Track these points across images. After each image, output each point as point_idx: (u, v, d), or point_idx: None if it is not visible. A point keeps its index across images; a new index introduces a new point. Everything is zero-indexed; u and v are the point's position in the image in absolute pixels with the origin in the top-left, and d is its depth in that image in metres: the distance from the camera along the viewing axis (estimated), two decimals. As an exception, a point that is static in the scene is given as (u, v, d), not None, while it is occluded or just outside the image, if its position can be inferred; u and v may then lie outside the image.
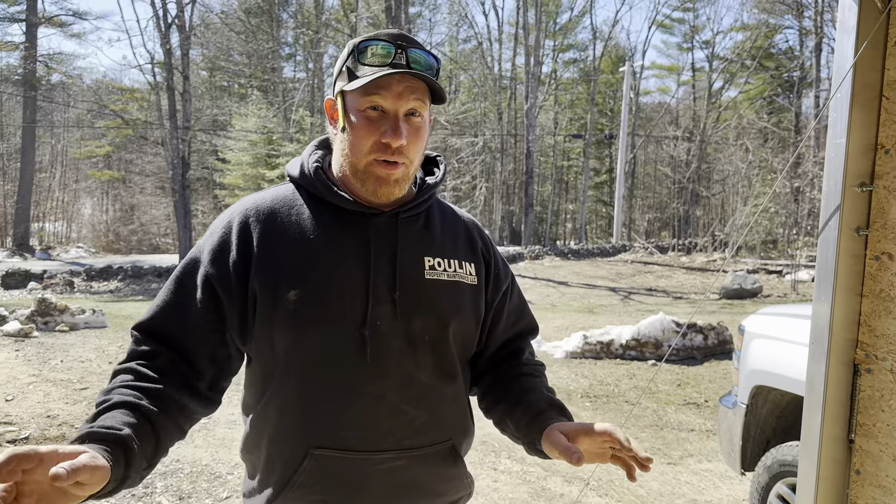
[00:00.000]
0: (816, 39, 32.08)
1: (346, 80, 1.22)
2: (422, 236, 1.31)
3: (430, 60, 1.23)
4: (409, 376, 1.24)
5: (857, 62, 1.29)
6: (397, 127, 1.18)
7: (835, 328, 1.34)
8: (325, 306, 1.19)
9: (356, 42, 1.22)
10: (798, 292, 16.14)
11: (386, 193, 1.23)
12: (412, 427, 1.25)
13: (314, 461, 1.21)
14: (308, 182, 1.28)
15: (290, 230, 1.24)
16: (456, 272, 1.31)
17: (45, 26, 33.09)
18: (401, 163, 1.21)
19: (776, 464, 3.22)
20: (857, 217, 1.34)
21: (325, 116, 1.32)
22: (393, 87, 1.18)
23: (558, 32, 38.54)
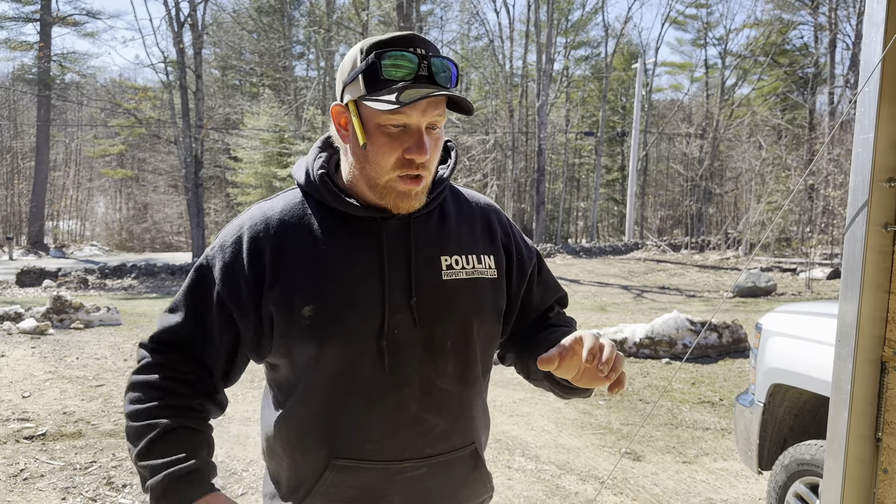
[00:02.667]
0: (831, 35, 31.81)
1: (361, 88, 1.15)
2: (436, 234, 1.27)
3: (451, 68, 1.17)
4: (430, 384, 1.22)
5: (886, 56, 1.27)
6: (422, 143, 1.14)
7: (862, 325, 1.32)
8: (341, 319, 1.17)
9: (372, 47, 1.15)
10: (813, 290, 16.02)
11: (407, 207, 1.19)
12: (432, 435, 1.24)
13: (336, 471, 1.21)
14: (315, 190, 1.24)
15: (301, 243, 1.21)
16: (475, 268, 1.27)
17: (58, 26, 33.37)
18: (423, 175, 1.18)
19: (794, 462, 3.19)
20: (885, 213, 1.32)
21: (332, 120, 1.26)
22: (417, 104, 1.12)
23: (570, 29, 38.39)
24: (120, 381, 6.37)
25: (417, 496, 1.24)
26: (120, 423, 5.10)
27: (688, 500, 4.09)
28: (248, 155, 37.22)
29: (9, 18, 33.02)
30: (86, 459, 4.35)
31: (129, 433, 1.18)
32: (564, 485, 4.22)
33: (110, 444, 4.65)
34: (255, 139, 36.20)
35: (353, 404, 1.20)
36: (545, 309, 1.44)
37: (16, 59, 37.58)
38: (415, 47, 1.14)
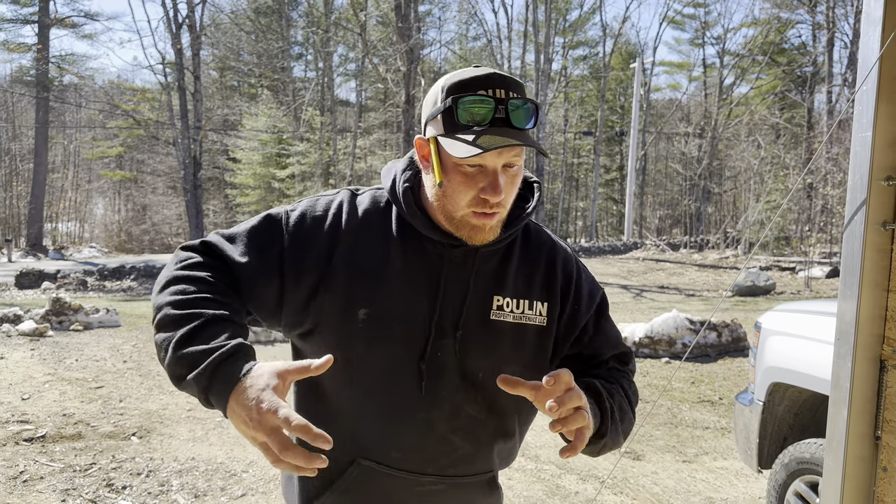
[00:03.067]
0: (829, 34, 31.83)
1: (440, 126, 1.18)
2: (496, 273, 1.28)
3: (531, 111, 1.17)
4: (460, 408, 1.25)
5: (884, 55, 1.27)
6: (496, 184, 1.15)
7: (861, 324, 1.33)
8: (391, 330, 1.20)
9: (451, 88, 1.17)
10: (812, 289, 16.03)
11: (481, 239, 1.22)
12: (455, 456, 1.26)
13: (360, 470, 1.23)
14: (397, 202, 1.27)
15: (375, 245, 1.24)
16: (524, 314, 1.29)
17: (56, 27, 33.33)
18: (497, 212, 1.20)
19: (794, 461, 3.20)
20: (883, 211, 1.33)
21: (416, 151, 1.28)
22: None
23: (568, 29, 38.40)
24: (119, 382, 6.37)
25: None
26: (120, 425, 5.09)
27: (688, 499, 4.09)
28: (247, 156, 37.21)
29: (7, 20, 33.01)
30: (85, 461, 4.34)
31: (165, 321, 1.09)
32: (564, 484, 4.22)
33: (110, 446, 4.64)
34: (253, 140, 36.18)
35: (386, 413, 1.22)
36: (599, 362, 1.38)
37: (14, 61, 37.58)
38: (494, 89, 1.15)
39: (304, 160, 35.31)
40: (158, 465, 4.35)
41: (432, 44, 38.72)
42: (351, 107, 41.90)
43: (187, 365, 1.02)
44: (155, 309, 1.12)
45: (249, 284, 1.18)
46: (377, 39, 29.29)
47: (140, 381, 6.44)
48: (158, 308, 1.11)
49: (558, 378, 1.05)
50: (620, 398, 1.28)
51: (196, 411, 5.56)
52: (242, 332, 1.11)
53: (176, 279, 1.14)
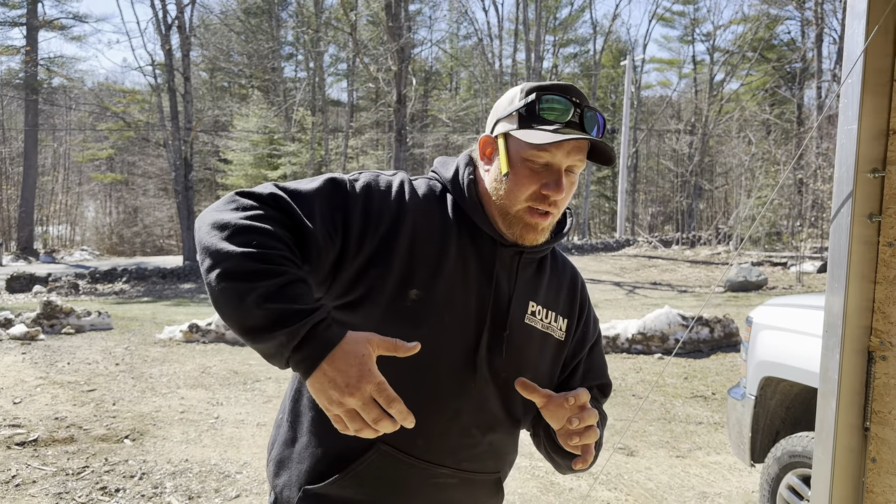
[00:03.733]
0: (818, 30, 31.97)
1: (515, 123, 1.23)
2: (533, 280, 1.34)
3: (600, 120, 1.25)
4: (485, 403, 1.28)
5: (868, 48, 1.28)
6: (560, 181, 1.21)
7: (848, 316, 1.33)
8: (440, 317, 1.22)
9: (533, 88, 1.23)
10: (803, 283, 16.11)
11: (532, 239, 1.26)
12: (473, 451, 1.29)
13: (378, 456, 1.22)
14: (458, 192, 1.29)
15: (432, 230, 1.25)
16: (550, 325, 1.35)
17: (45, 30, 33.14)
18: (552, 213, 1.24)
19: (786, 455, 3.21)
20: (870, 203, 1.33)
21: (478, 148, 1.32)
22: (564, 145, 1.19)
23: (558, 27, 38.45)
24: (112, 385, 6.34)
25: (440, 502, 1.29)
26: (112, 428, 5.07)
27: (681, 495, 4.11)
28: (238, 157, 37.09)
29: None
30: (78, 465, 4.32)
31: (240, 270, 1.03)
32: (558, 481, 4.23)
33: (103, 449, 4.62)
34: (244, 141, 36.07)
35: (420, 399, 1.21)
36: (587, 387, 1.46)
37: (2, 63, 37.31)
38: (572, 96, 1.22)
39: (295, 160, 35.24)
40: (152, 467, 4.34)
41: (423, 43, 38.69)
42: (342, 106, 41.84)
43: (275, 320, 1.00)
44: (216, 253, 1.05)
45: (314, 248, 1.15)
46: (368, 39, 29.25)
47: (133, 384, 6.42)
48: (227, 255, 1.04)
49: (578, 397, 1.17)
50: (603, 419, 1.42)
51: (189, 413, 5.54)
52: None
53: (248, 228, 1.08)
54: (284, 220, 1.12)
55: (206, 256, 1.07)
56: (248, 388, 6.41)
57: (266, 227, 1.08)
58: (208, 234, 1.08)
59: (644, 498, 4.04)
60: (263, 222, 1.09)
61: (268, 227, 1.09)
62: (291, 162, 35.05)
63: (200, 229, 1.11)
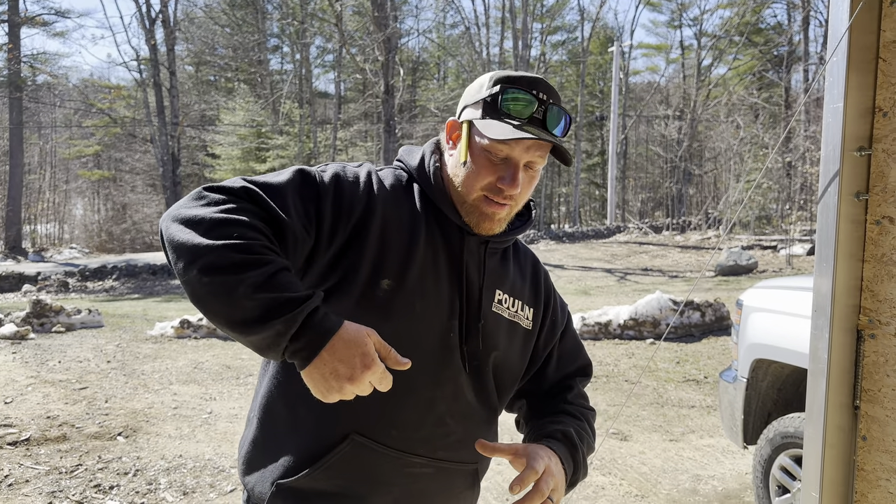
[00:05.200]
0: (804, 13, 32.02)
1: (479, 111, 1.23)
2: (498, 268, 1.35)
3: (564, 119, 1.25)
4: (461, 393, 1.29)
5: (853, 24, 1.27)
6: (516, 176, 1.21)
7: (837, 295, 1.33)
8: (412, 307, 1.22)
9: (500, 80, 1.23)
10: (793, 266, 16.19)
11: (487, 229, 1.26)
12: (447, 440, 1.29)
13: (352, 447, 1.21)
14: (425, 181, 1.30)
15: (400, 219, 1.24)
16: (517, 313, 1.36)
17: (27, 26, 32.73)
18: (509, 205, 1.24)
19: (778, 436, 3.23)
20: (857, 182, 1.33)
21: (445, 130, 1.33)
22: (523, 141, 1.20)
23: (545, 15, 38.33)
24: (104, 382, 6.31)
25: (416, 493, 1.28)
26: (105, 425, 5.05)
27: (675, 478, 4.13)
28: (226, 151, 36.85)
29: (-25, 20, 32.39)
30: (71, 463, 4.30)
31: (224, 262, 1.00)
32: (553, 468, 4.24)
33: (96, 447, 4.60)
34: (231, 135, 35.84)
35: (394, 389, 1.18)
36: (565, 377, 1.48)
37: (-15, 61, 36.88)
38: (538, 91, 1.22)
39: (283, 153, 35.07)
40: (146, 463, 4.32)
41: (410, 32, 38.51)
42: (330, 98, 41.65)
43: (268, 309, 0.98)
44: (194, 248, 1.01)
45: (290, 240, 1.13)
46: (354, 29, 29.08)
47: (125, 381, 6.39)
48: (207, 249, 1.01)
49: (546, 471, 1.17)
50: (588, 438, 1.38)
51: (182, 409, 5.53)
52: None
53: (224, 221, 1.04)
54: (260, 213, 1.10)
55: (182, 253, 1.02)
56: (241, 383, 6.40)
57: (243, 219, 1.05)
58: (180, 231, 1.04)
59: (638, 482, 4.06)
60: (239, 214, 1.06)
61: (244, 219, 1.06)
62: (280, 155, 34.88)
63: (170, 228, 1.06)
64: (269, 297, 0.99)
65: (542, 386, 1.46)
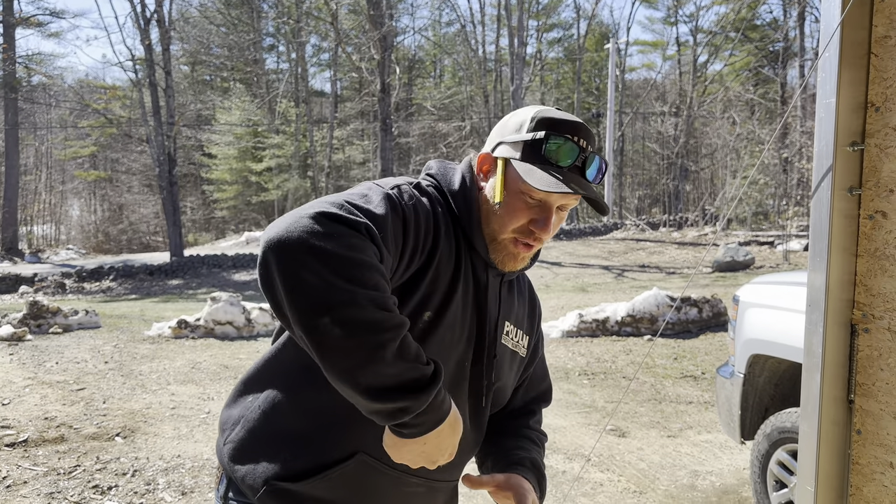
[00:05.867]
0: (799, 9, 32.05)
1: (518, 153, 1.21)
2: (508, 300, 1.37)
3: (602, 167, 1.25)
4: (463, 417, 1.30)
5: (845, 20, 1.28)
6: (549, 221, 1.21)
7: (831, 289, 1.34)
8: (442, 338, 1.21)
9: (544, 122, 1.20)
10: (790, 262, 16.23)
11: (511, 267, 1.27)
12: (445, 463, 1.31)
13: (357, 464, 1.20)
14: (464, 211, 1.25)
15: (451, 253, 1.22)
16: (518, 343, 1.39)
17: (22, 27, 32.66)
18: (535, 246, 1.25)
19: (775, 431, 3.24)
20: (850, 177, 1.33)
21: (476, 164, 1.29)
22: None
23: (541, 12, 38.33)
24: (101, 383, 6.31)
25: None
26: (103, 426, 5.05)
27: (673, 474, 4.14)
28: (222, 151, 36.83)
29: (-30, 21, 32.28)
30: (69, 464, 4.30)
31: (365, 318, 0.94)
32: (551, 464, 4.25)
33: (94, 447, 4.60)
34: (228, 135, 35.79)
35: None
36: (531, 401, 1.53)
37: (-21, 62, 36.76)
38: (580, 138, 1.21)
39: (280, 152, 35.01)
40: (144, 464, 4.32)
41: (406, 31, 38.49)
42: (326, 97, 41.61)
43: (402, 383, 0.96)
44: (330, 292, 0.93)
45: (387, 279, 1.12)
46: (349, 28, 29.05)
47: (122, 382, 6.39)
48: (347, 297, 0.93)
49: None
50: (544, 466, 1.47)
51: (180, 409, 5.53)
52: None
53: (360, 264, 0.96)
54: (378, 254, 1.02)
55: (309, 293, 0.93)
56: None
57: (374, 263, 0.99)
58: (306, 263, 0.94)
59: (636, 478, 4.07)
60: (368, 255, 0.99)
61: (374, 263, 0.99)
62: (276, 154, 34.82)
63: (286, 256, 0.95)
64: (404, 368, 0.96)
65: (508, 406, 1.49)
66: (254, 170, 36.61)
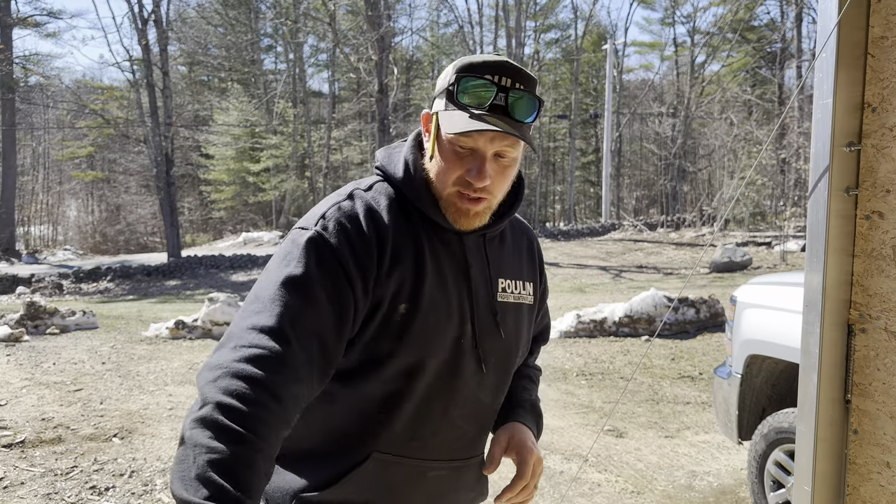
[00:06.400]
0: (797, 10, 32.11)
1: (442, 104, 1.19)
2: (498, 257, 1.32)
3: (533, 105, 1.17)
4: (473, 395, 1.28)
5: (842, 21, 1.28)
6: (483, 169, 1.15)
7: (828, 289, 1.34)
8: (426, 322, 1.20)
9: (461, 69, 1.17)
10: (787, 262, 16.25)
11: (466, 224, 1.22)
12: (462, 441, 1.30)
13: (374, 463, 1.22)
14: (414, 193, 1.23)
15: (404, 240, 1.20)
16: (520, 294, 1.35)
17: (19, 27, 32.61)
18: (483, 198, 1.19)
19: (773, 431, 3.24)
20: (847, 177, 1.34)
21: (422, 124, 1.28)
22: (485, 132, 1.13)
23: (539, 13, 38.35)
24: (99, 384, 6.30)
25: (434, 495, 1.30)
26: (100, 427, 5.04)
27: (671, 474, 4.14)
28: (220, 151, 36.80)
29: (-33, 21, 32.21)
30: (66, 465, 4.30)
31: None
32: (549, 465, 4.25)
33: (91, 449, 4.59)
34: (225, 135, 35.76)
35: (412, 403, 1.22)
36: (532, 341, 1.52)
37: (-24, 63, 36.67)
38: (501, 76, 1.15)
39: (277, 153, 34.98)
40: (141, 465, 4.32)
41: (403, 31, 38.51)
42: (324, 98, 41.59)
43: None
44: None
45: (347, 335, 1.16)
46: (347, 29, 29.04)
47: (120, 382, 6.38)
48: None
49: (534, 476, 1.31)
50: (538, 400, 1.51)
51: (178, 410, 5.52)
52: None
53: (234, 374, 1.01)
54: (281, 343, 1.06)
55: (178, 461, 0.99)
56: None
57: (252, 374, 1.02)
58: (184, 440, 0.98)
59: (634, 478, 4.07)
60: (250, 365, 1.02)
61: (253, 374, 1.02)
62: (274, 154, 34.79)
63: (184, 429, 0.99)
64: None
65: None
66: (251, 170, 36.59)
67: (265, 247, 27.63)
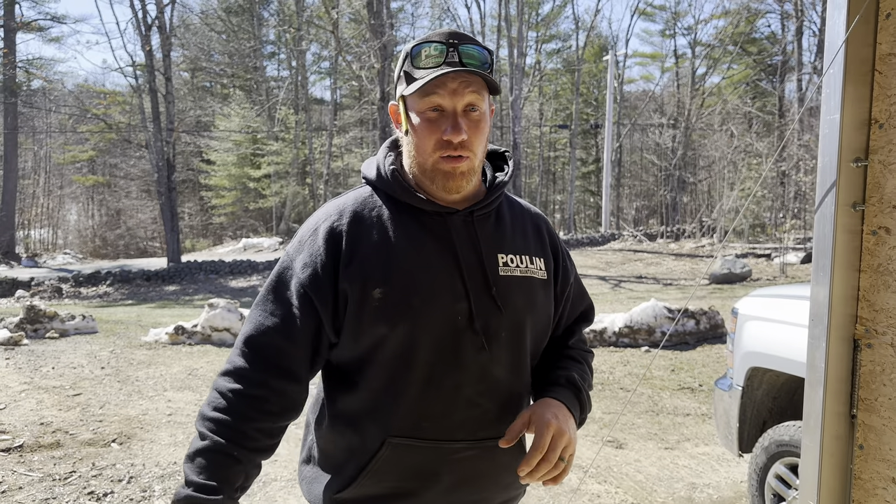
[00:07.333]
0: (798, 23, 32.23)
1: (404, 84, 1.27)
2: (494, 233, 1.34)
3: (483, 54, 1.25)
4: (485, 371, 1.28)
5: (849, 37, 1.29)
6: (457, 123, 1.22)
7: (834, 304, 1.34)
8: (410, 304, 1.23)
9: (410, 46, 1.26)
10: (787, 275, 16.25)
11: (455, 187, 1.27)
12: (486, 419, 1.30)
13: (391, 449, 1.25)
14: (386, 185, 1.31)
15: (373, 232, 1.27)
16: (528, 268, 1.36)
17: (23, 31, 32.70)
18: (465, 156, 1.24)
19: (773, 444, 3.24)
20: (853, 192, 1.34)
21: (391, 119, 1.37)
22: (448, 84, 1.21)
23: (541, 23, 38.51)
24: (98, 389, 6.29)
25: (466, 477, 1.30)
26: (99, 432, 5.03)
27: (671, 486, 4.13)
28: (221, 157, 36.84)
29: (-29, 25, 32.29)
30: (65, 470, 4.28)
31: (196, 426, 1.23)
32: (549, 475, 4.24)
33: (90, 454, 4.58)
34: (227, 141, 35.81)
35: (414, 385, 1.25)
36: (572, 323, 1.53)
37: (-20, 66, 36.75)
38: (449, 38, 1.24)
39: (278, 159, 35.01)
40: (140, 470, 4.30)
41: (406, 40, 38.58)
42: (326, 105, 41.69)
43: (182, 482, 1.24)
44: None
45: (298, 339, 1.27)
46: (350, 37, 29.14)
47: (119, 387, 6.37)
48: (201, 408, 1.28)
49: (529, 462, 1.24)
50: (588, 378, 1.46)
51: (177, 416, 5.51)
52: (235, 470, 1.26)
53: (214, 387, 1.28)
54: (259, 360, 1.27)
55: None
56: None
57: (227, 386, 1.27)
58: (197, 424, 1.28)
59: (634, 490, 4.06)
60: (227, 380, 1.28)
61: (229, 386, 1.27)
62: (275, 161, 34.82)
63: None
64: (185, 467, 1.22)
65: (555, 334, 1.49)
66: (252, 176, 36.63)
67: (265, 253, 27.63)
